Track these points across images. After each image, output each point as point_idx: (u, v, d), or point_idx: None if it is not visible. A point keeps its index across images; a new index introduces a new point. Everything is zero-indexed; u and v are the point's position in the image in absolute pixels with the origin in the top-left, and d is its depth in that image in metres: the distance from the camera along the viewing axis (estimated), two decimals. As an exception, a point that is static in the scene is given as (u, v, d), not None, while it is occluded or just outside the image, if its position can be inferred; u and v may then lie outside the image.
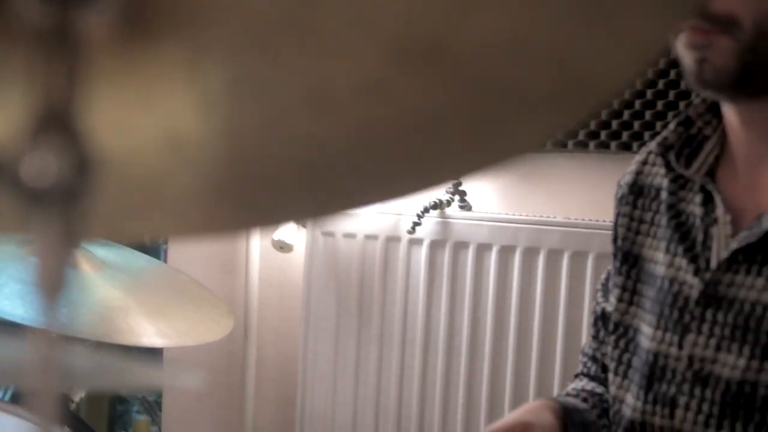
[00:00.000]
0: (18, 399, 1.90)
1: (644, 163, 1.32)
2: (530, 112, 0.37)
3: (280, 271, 2.64)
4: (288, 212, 0.46)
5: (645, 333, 1.25)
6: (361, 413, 2.42)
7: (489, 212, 2.34)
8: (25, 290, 1.44)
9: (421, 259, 2.34)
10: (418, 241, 2.34)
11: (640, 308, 1.28)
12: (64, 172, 0.31)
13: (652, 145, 1.31)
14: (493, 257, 2.27)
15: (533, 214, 2.28)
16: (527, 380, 2.24)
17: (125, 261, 1.89)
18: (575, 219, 2.23)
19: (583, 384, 1.40)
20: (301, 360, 2.48)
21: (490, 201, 2.38)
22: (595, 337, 1.40)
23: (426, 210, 2.32)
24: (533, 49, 0.35)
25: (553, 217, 2.25)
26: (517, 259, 2.24)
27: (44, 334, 0.33)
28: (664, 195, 1.26)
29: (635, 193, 1.32)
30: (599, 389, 1.38)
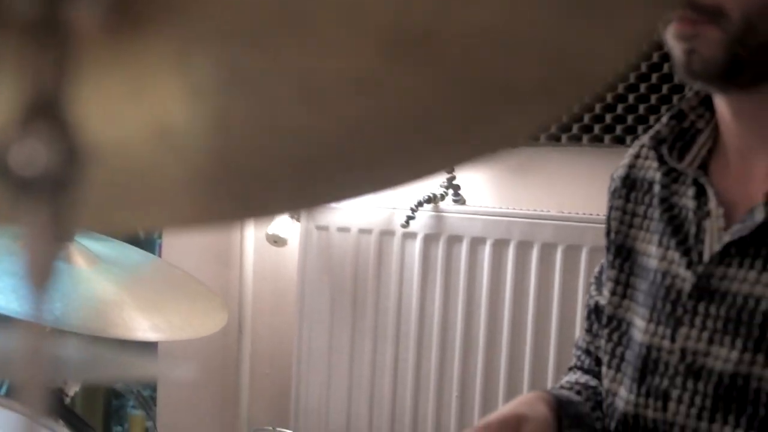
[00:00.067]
0: (13, 393, 1.90)
1: (637, 157, 1.32)
2: (520, 103, 0.37)
3: (274, 265, 2.64)
4: (279, 204, 0.46)
5: (638, 326, 1.25)
6: (355, 406, 2.42)
7: (483, 206, 2.34)
8: (19, 284, 1.44)
9: (415, 253, 2.34)
10: (412, 235, 2.35)
11: (633, 301, 1.28)
12: (52, 162, 0.31)
13: (645, 139, 1.31)
14: (486, 251, 2.27)
15: (527, 208, 2.28)
16: (521, 373, 2.25)
17: (119, 255, 1.89)
18: (569, 213, 2.23)
19: (577, 377, 1.41)
20: (295, 353, 2.48)
21: (484, 195, 2.38)
22: (589, 331, 1.41)
23: (420, 204, 2.32)
24: (523, 40, 0.35)
25: (547, 210, 2.26)
26: (511, 252, 2.24)
27: (34, 326, 0.33)
28: (657, 188, 1.26)
29: (628, 187, 1.32)
30: (593, 382, 1.38)
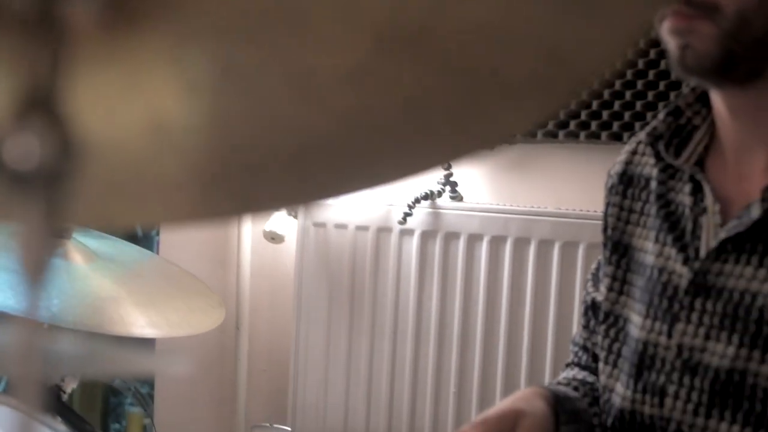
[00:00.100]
0: (9, 389, 1.90)
1: (634, 153, 1.32)
2: (515, 98, 0.37)
3: (271, 262, 2.64)
4: (275, 199, 0.46)
5: (634, 322, 1.25)
6: (353, 403, 2.42)
7: (480, 203, 2.34)
8: (15, 280, 1.43)
9: (412, 250, 2.34)
10: (409, 232, 2.35)
11: (630, 298, 1.28)
12: (47, 156, 0.31)
13: (642, 135, 1.31)
14: (483, 247, 2.27)
15: (524, 205, 2.28)
16: (518, 370, 2.25)
17: (117, 252, 1.89)
18: (566, 209, 2.23)
19: (574, 373, 1.41)
20: (292, 350, 2.48)
21: (481, 191, 2.38)
22: (586, 327, 1.41)
23: (417, 200, 2.32)
24: (517, 36, 0.35)
25: (544, 207, 2.26)
26: (508, 249, 2.24)
27: (29, 322, 0.33)
28: (654, 185, 1.26)
29: (625, 183, 1.32)
30: (590, 378, 1.38)
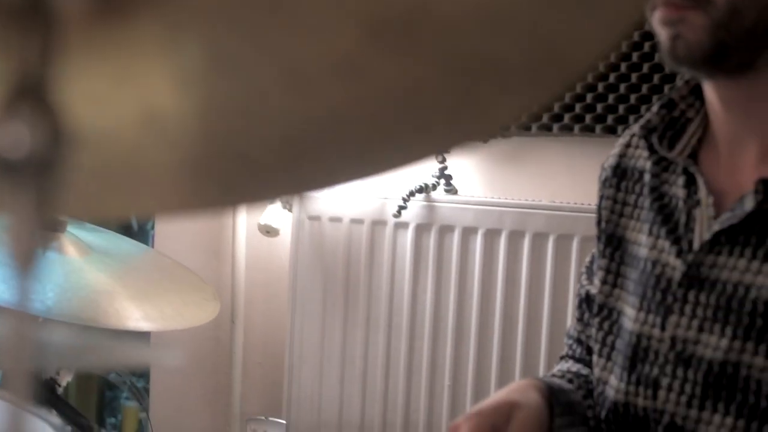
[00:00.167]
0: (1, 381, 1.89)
1: (627, 146, 1.32)
2: (505, 86, 0.37)
3: (266, 256, 2.64)
4: (267, 189, 0.46)
5: (628, 315, 1.25)
6: (348, 396, 2.43)
7: (474, 196, 2.34)
8: (6, 272, 1.43)
9: (406, 243, 2.34)
10: (404, 225, 2.35)
11: (624, 290, 1.28)
12: (37, 145, 0.31)
13: (635, 128, 1.31)
14: (478, 240, 2.27)
15: (518, 198, 2.28)
16: (513, 363, 2.25)
17: (112, 245, 1.89)
18: (560, 202, 2.23)
19: (569, 366, 1.41)
20: (287, 344, 2.48)
21: (476, 185, 2.38)
22: (580, 320, 1.41)
23: (411, 194, 2.32)
24: (506, 23, 0.35)
25: (539, 200, 2.26)
26: (503, 242, 2.25)
27: (20, 313, 0.33)
28: (647, 177, 1.26)
29: (618, 176, 1.32)
30: (584, 371, 1.38)
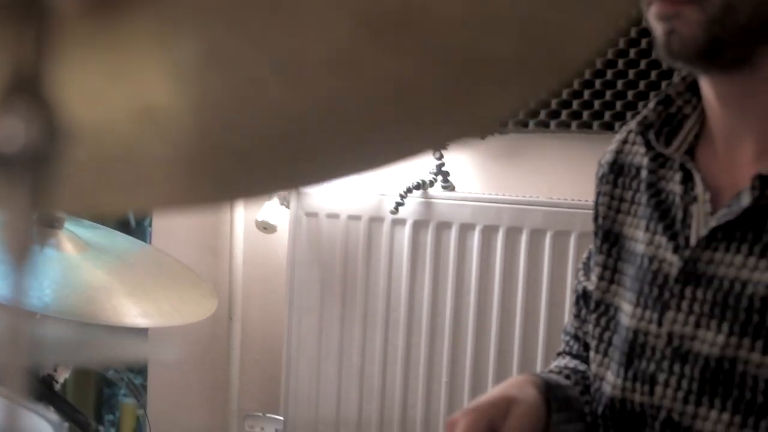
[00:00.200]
0: None
1: (624, 142, 1.32)
2: (499, 81, 0.37)
3: (263, 252, 2.64)
4: (262, 184, 0.46)
5: (625, 311, 1.25)
6: (345, 392, 2.43)
7: (472, 192, 2.34)
8: (3, 269, 1.43)
9: (404, 239, 2.34)
10: (401, 222, 2.35)
11: (621, 286, 1.28)
12: (32, 139, 0.31)
13: (632, 124, 1.31)
14: (476, 237, 2.27)
15: (516, 194, 2.28)
16: (510, 359, 2.25)
17: (109, 242, 1.89)
18: (558, 199, 2.23)
19: (566, 362, 1.41)
20: (285, 340, 2.48)
21: (473, 181, 2.38)
22: (577, 316, 1.41)
23: (409, 190, 2.32)
24: (500, 18, 0.35)
25: (536, 196, 2.26)
26: (500, 238, 2.25)
27: (15, 307, 0.33)
28: (644, 173, 1.26)
29: (615, 172, 1.32)
30: (581, 367, 1.38)
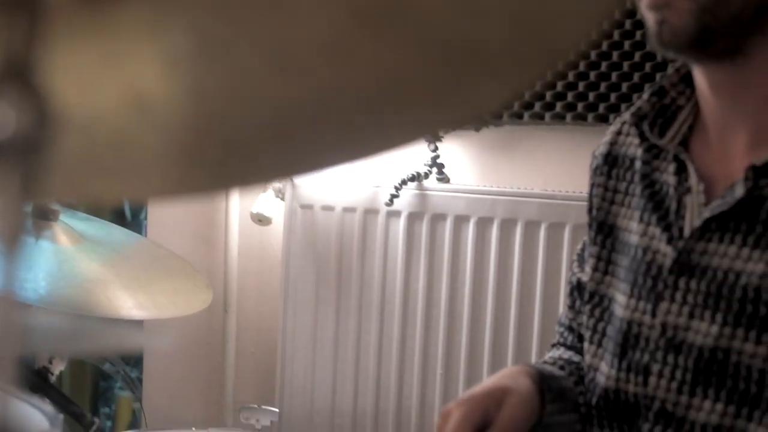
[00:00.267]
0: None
1: (618, 134, 1.32)
2: (490, 69, 0.37)
3: (259, 244, 2.64)
4: (255, 173, 0.46)
5: (619, 302, 1.26)
6: (341, 385, 2.43)
7: (466, 184, 2.34)
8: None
9: (399, 231, 2.34)
10: (396, 214, 2.35)
11: (615, 277, 1.29)
12: (23, 127, 0.31)
13: (626, 116, 1.31)
14: (470, 229, 2.27)
15: (510, 186, 2.28)
16: (505, 351, 2.25)
17: (104, 234, 1.89)
18: (552, 191, 2.23)
19: (560, 353, 1.41)
20: (280, 332, 2.48)
21: (468, 173, 2.38)
22: (571, 307, 1.41)
23: (404, 182, 2.32)
24: (490, 6, 0.35)
25: (531, 188, 2.26)
26: (495, 230, 2.25)
27: (5, 296, 0.33)
28: (638, 165, 1.26)
29: (609, 164, 1.32)
30: (576, 358, 1.38)
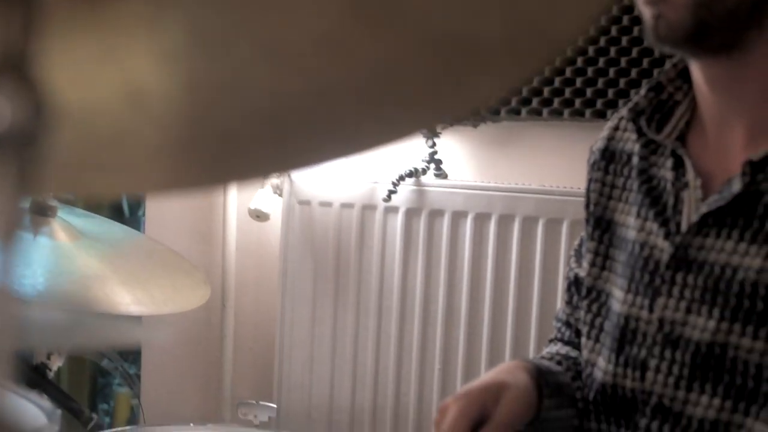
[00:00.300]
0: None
1: (616, 129, 1.33)
2: (486, 62, 0.37)
3: (256, 240, 2.64)
4: (252, 167, 0.46)
5: (616, 297, 1.26)
6: (338, 380, 2.43)
7: (464, 180, 2.34)
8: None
9: (396, 227, 2.34)
10: (394, 209, 2.35)
11: (612, 272, 1.29)
12: (18, 119, 0.31)
13: (624, 111, 1.31)
14: (468, 225, 2.27)
15: (508, 182, 2.28)
16: (503, 346, 2.25)
17: (102, 231, 1.89)
18: (550, 186, 2.23)
19: (557, 348, 1.41)
20: (278, 328, 2.48)
21: (465, 169, 2.38)
22: (569, 303, 1.41)
23: (401, 178, 2.32)
24: (488, 0, 0.35)
25: (528, 184, 2.26)
26: (493, 226, 2.25)
27: (1, 290, 0.33)
28: (636, 160, 1.27)
29: (607, 159, 1.32)
30: (573, 353, 1.39)
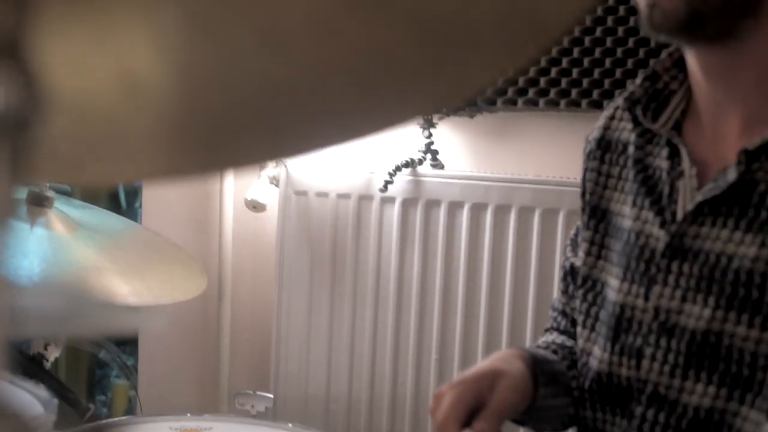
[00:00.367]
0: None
1: (611, 119, 1.33)
2: (480, 49, 0.37)
3: (253, 231, 2.64)
4: (247, 154, 0.46)
5: (612, 286, 1.26)
6: (335, 370, 2.43)
7: (460, 170, 2.35)
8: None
9: (393, 218, 2.34)
10: (391, 200, 2.35)
11: (608, 261, 1.29)
12: (12, 105, 0.31)
13: (619, 100, 1.31)
14: (464, 215, 2.27)
15: (504, 172, 2.29)
16: (499, 336, 2.26)
17: (99, 222, 1.89)
18: (546, 177, 2.24)
19: (553, 337, 1.42)
20: (275, 318, 2.48)
21: (462, 159, 2.38)
22: (565, 292, 1.42)
23: (398, 168, 2.32)
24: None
25: (525, 174, 2.26)
26: (489, 216, 2.25)
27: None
28: (631, 149, 1.27)
29: (603, 148, 1.32)
30: (569, 342, 1.39)
